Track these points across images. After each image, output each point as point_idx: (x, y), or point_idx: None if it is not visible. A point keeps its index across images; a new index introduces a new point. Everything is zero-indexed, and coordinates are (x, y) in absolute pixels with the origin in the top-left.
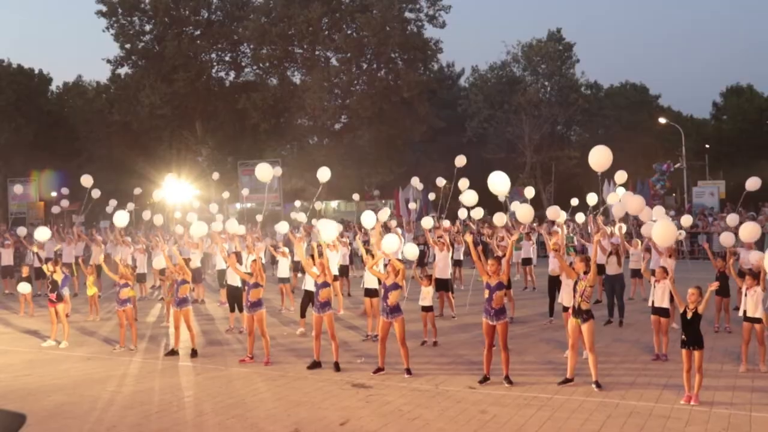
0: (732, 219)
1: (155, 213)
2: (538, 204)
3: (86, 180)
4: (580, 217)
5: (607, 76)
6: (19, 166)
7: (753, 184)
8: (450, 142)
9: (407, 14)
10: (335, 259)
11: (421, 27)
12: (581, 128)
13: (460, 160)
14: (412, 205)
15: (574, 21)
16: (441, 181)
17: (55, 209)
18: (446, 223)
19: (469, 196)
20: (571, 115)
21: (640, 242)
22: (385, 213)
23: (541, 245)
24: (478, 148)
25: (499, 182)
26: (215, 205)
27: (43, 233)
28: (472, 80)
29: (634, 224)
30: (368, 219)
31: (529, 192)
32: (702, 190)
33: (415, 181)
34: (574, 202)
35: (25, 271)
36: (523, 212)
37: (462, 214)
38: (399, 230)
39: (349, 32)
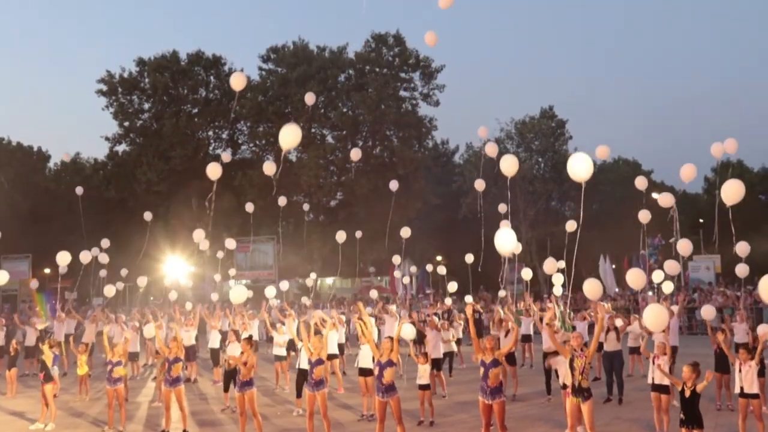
0: (707, 311)
1: (150, 291)
2: (533, 280)
3: (62, 258)
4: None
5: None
6: (13, 243)
7: (742, 249)
8: (445, 218)
9: (402, 93)
10: (335, 338)
11: (415, 105)
12: (576, 204)
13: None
14: (405, 279)
15: (566, 98)
16: (406, 231)
17: (34, 284)
18: (448, 301)
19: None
20: (566, 190)
21: (638, 318)
22: (270, 291)
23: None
24: (474, 224)
25: (505, 240)
26: (218, 276)
27: (2, 276)
28: (467, 157)
29: (631, 300)
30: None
31: (527, 274)
32: (697, 264)
33: (396, 259)
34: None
35: (12, 350)
36: (591, 288)
37: (452, 287)
38: (394, 308)
39: (344, 110)
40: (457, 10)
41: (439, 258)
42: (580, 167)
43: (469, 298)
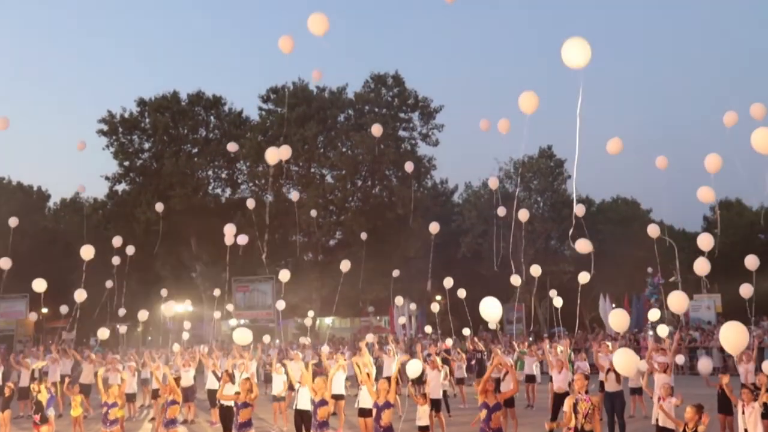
0: (704, 366)
1: (148, 331)
2: (534, 320)
3: (80, 295)
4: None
5: (598, 191)
6: (10, 283)
7: (746, 291)
8: (444, 257)
9: (401, 133)
10: (341, 379)
11: (414, 145)
12: (575, 242)
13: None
14: (401, 320)
15: (564, 138)
16: (396, 273)
17: (33, 316)
18: (449, 342)
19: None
20: (565, 229)
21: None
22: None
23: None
24: (473, 264)
25: (490, 309)
26: (218, 313)
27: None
28: (466, 196)
29: (631, 340)
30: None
31: (516, 280)
32: (698, 303)
33: (399, 300)
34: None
35: (7, 391)
36: (618, 320)
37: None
38: (391, 348)
39: (344, 150)
40: (456, 51)
41: (438, 297)
42: (574, 52)
43: (466, 331)
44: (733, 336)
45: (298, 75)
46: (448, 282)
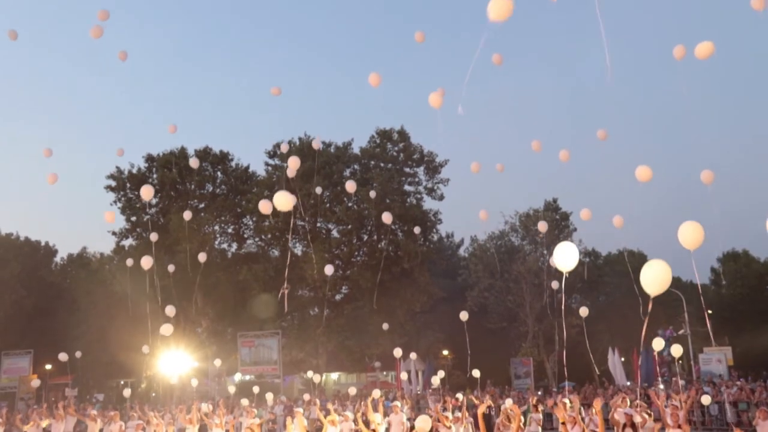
0: None
1: (152, 387)
2: (542, 373)
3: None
4: None
5: (604, 244)
6: (15, 338)
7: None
8: (451, 311)
9: (406, 187)
10: None
11: (420, 199)
12: (582, 296)
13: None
14: (403, 375)
15: (570, 191)
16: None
17: (35, 383)
18: (459, 396)
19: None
20: (571, 282)
21: (648, 417)
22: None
23: (547, 416)
24: (480, 318)
25: (566, 254)
26: (218, 360)
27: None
28: (472, 250)
29: (642, 393)
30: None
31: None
32: (709, 356)
33: (398, 352)
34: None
35: None
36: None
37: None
38: (398, 404)
39: (350, 204)
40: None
41: (445, 352)
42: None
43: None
44: (689, 233)
45: (304, 131)
46: (464, 315)
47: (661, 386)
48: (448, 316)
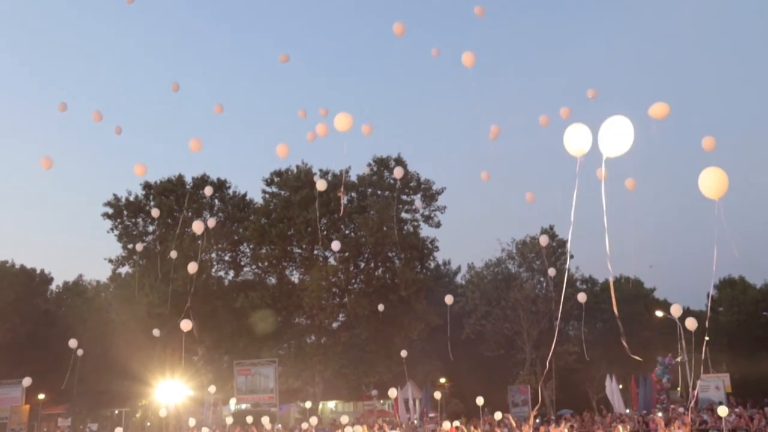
0: None
1: (147, 416)
2: (540, 400)
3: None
4: None
5: (601, 271)
6: (8, 367)
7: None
8: (448, 339)
9: (404, 215)
10: None
11: (417, 227)
12: (579, 323)
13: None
14: (401, 402)
15: (565, 218)
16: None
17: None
18: (456, 423)
19: None
20: (568, 310)
21: None
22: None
23: None
24: (477, 345)
25: (577, 137)
26: (213, 387)
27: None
28: (469, 277)
29: (640, 420)
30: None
31: (544, 240)
32: (707, 383)
33: (393, 393)
34: None
35: None
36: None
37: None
38: None
39: (347, 232)
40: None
41: (442, 380)
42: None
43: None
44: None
45: (301, 159)
46: (449, 299)
47: (660, 414)
48: (445, 345)
